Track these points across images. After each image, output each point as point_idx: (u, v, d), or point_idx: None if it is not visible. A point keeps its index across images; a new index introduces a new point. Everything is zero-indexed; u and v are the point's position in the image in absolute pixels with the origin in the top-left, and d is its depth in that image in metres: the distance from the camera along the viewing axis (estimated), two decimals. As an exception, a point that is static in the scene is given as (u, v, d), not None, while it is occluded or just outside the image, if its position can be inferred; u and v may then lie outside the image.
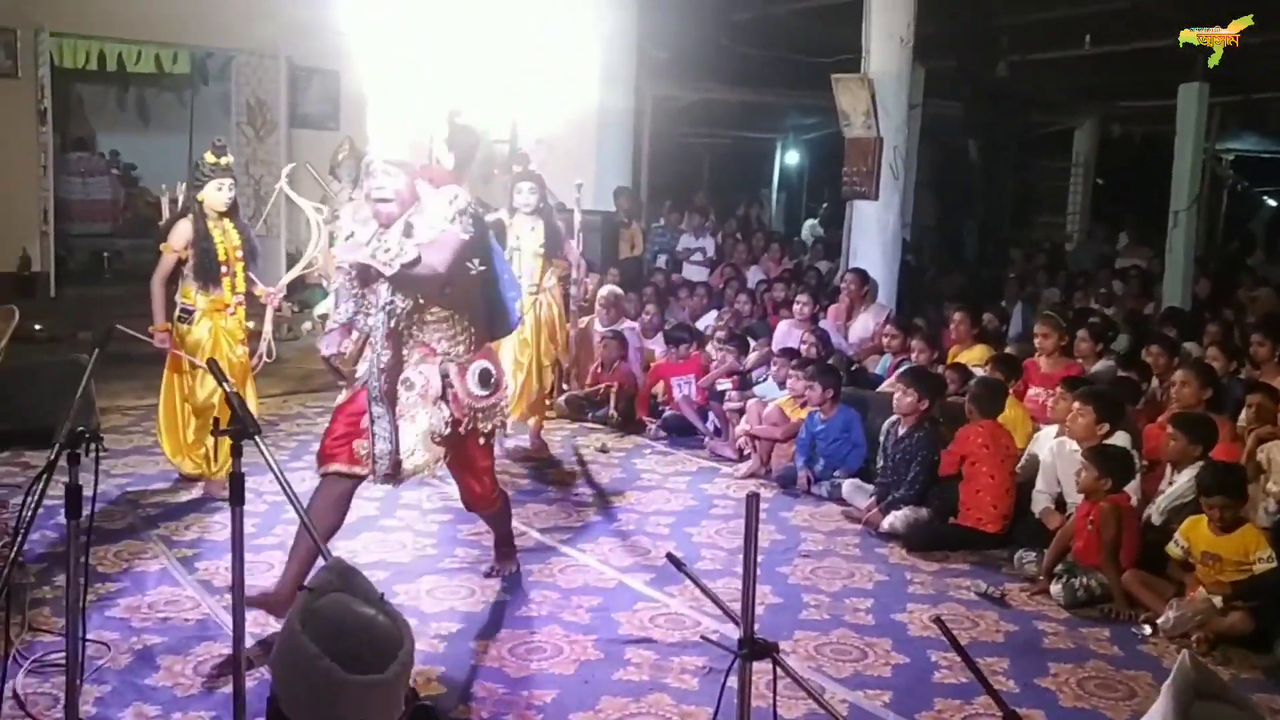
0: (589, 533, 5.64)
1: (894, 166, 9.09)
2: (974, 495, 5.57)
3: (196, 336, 5.82)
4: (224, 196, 5.79)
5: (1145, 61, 12.25)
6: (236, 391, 2.79)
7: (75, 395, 2.86)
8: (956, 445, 5.69)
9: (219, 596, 4.57)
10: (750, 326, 9.25)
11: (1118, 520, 4.79)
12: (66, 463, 2.48)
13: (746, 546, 2.44)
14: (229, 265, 5.84)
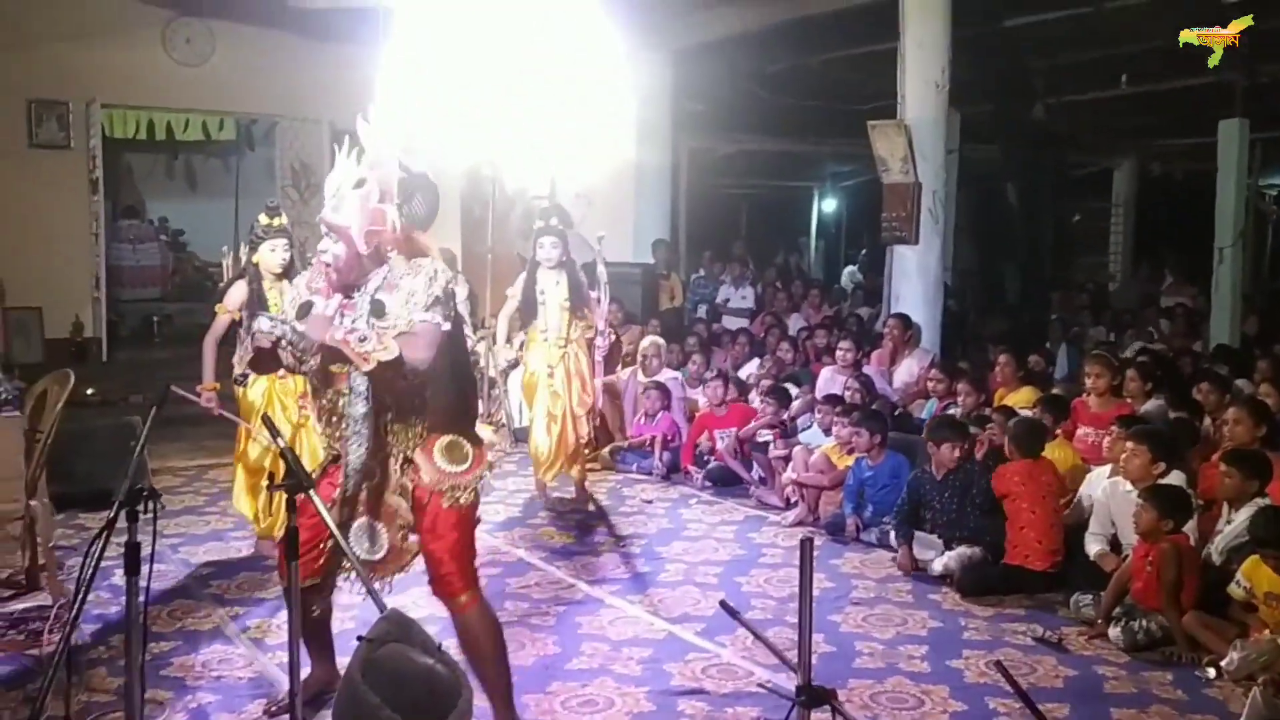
0: (637, 584, 5.62)
1: (934, 211, 9.08)
2: (1018, 532, 5.52)
3: (251, 398, 5.85)
4: (278, 257, 5.82)
5: (1184, 99, 12.21)
6: (290, 447, 2.82)
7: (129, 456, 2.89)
8: (995, 485, 5.66)
9: (271, 654, 4.58)
10: (793, 374, 9.23)
11: (1178, 561, 4.70)
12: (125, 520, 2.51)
13: (802, 593, 2.43)
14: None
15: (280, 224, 5.89)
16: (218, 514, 6.79)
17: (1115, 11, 9.64)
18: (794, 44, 11.51)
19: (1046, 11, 9.94)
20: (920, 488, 5.99)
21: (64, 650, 2.71)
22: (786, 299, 11.98)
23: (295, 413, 5.90)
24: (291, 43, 10.79)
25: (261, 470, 5.87)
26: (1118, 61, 11.21)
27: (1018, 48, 11.19)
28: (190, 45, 10.80)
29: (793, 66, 12.34)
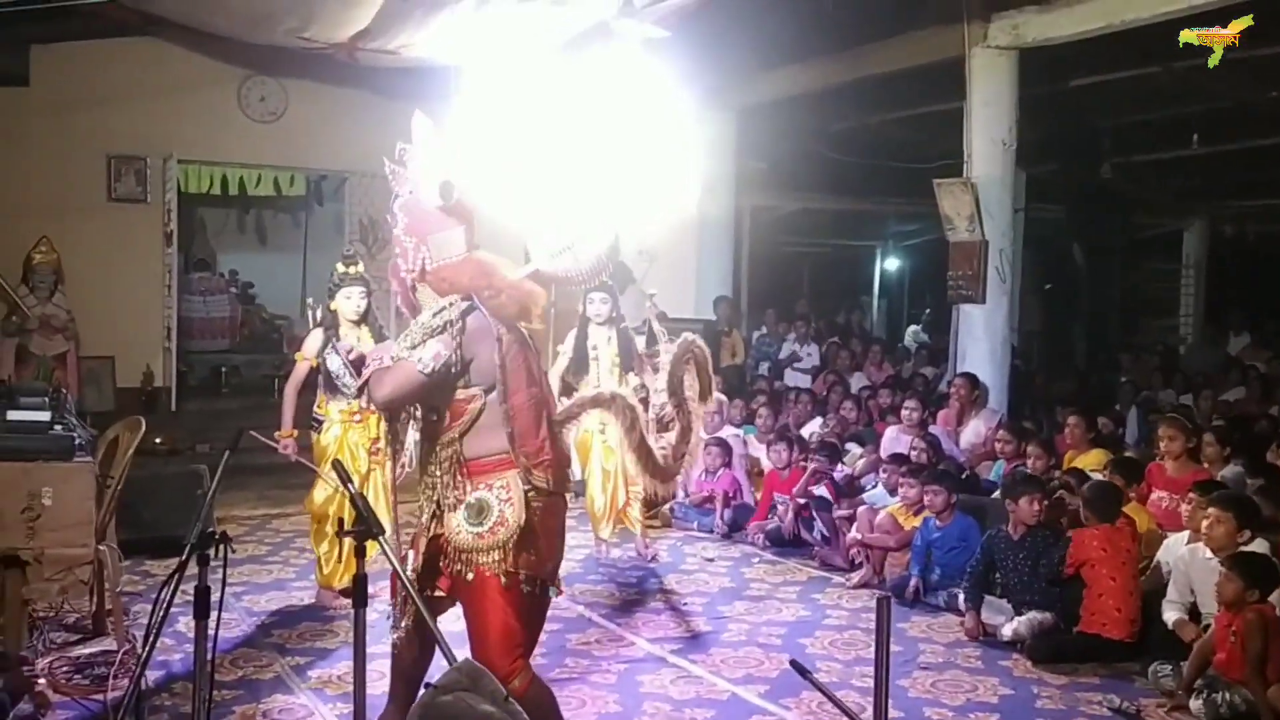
0: (699, 643, 5.53)
1: (1000, 270, 8.98)
2: (1096, 600, 5.36)
3: (324, 443, 5.93)
4: (354, 304, 5.92)
5: (1256, 159, 12.03)
6: (360, 492, 2.81)
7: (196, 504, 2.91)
8: (1074, 552, 5.47)
9: (332, 705, 4.56)
10: (856, 433, 9.12)
11: (1265, 631, 4.52)
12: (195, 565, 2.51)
13: (878, 654, 2.35)
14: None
15: (357, 272, 6.02)
16: (280, 563, 6.82)
17: (1184, 71, 9.54)
18: (856, 103, 11.54)
19: (1114, 71, 9.87)
20: (995, 548, 5.86)
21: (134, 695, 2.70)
22: (849, 357, 11.88)
23: (365, 461, 5.93)
24: (361, 100, 11.00)
25: (326, 516, 5.90)
26: (1186, 121, 11.08)
27: (1085, 107, 11.12)
28: (264, 103, 11.07)
29: (855, 125, 12.37)
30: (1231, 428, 8.25)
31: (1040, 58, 8.99)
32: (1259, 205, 14.93)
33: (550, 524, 3.47)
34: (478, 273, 3.43)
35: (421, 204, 3.47)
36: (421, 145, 3.54)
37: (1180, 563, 5.41)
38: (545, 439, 3.43)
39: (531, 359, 3.51)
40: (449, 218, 3.45)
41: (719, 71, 10.66)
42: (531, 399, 3.43)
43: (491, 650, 3.30)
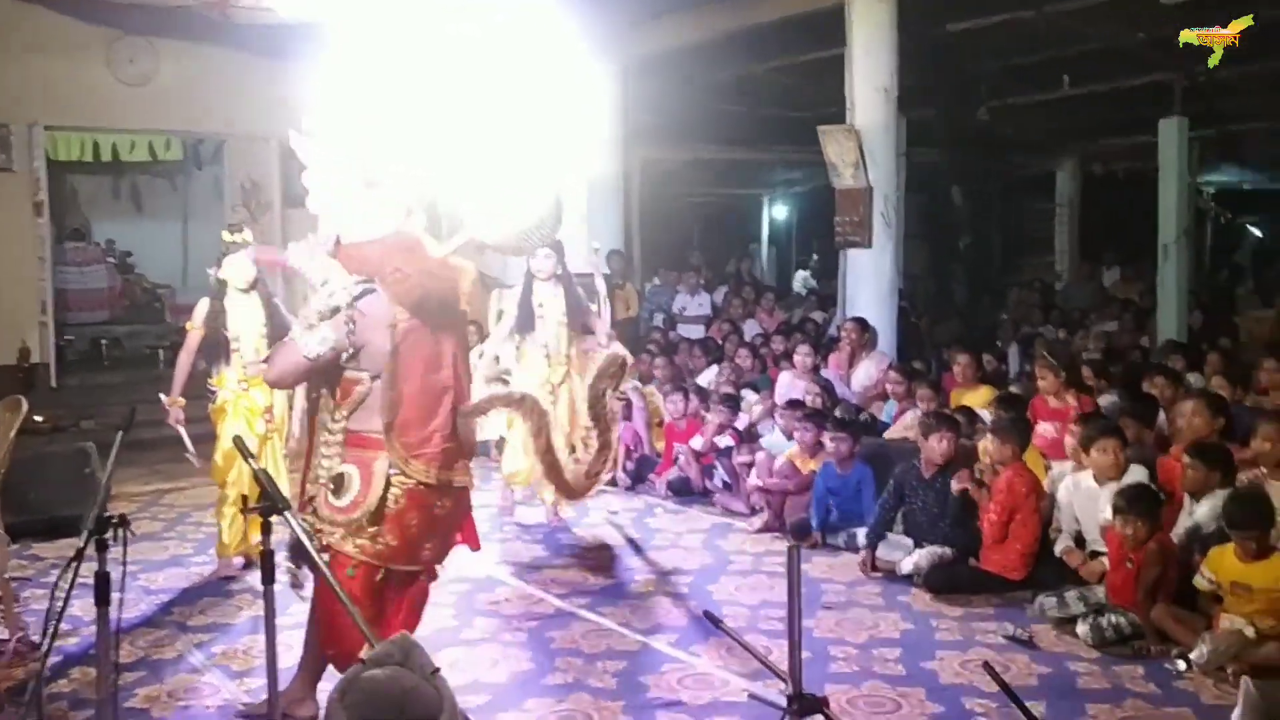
0: (607, 596, 5.59)
1: (885, 215, 9.15)
2: (1003, 544, 5.53)
3: (219, 409, 5.92)
4: (241, 272, 5.84)
5: (1124, 99, 12.41)
6: (264, 469, 2.77)
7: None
8: (1006, 499, 5.54)
9: (239, 681, 4.50)
10: (751, 380, 9.25)
11: (1164, 560, 4.76)
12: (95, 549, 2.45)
13: (791, 600, 2.42)
14: (242, 342, 5.84)
15: (243, 239, 5.95)
16: (176, 539, 6.69)
17: (1056, 15, 9.78)
18: (741, 53, 11.56)
19: (988, 15, 10.06)
20: (906, 485, 6.00)
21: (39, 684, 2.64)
22: (742, 305, 12.02)
23: (262, 427, 5.88)
24: (238, 60, 10.65)
25: (225, 482, 5.90)
26: (1059, 63, 11.36)
27: (961, 52, 11.32)
28: (134, 65, 10.63)
29: (742, 75, 12.41)
30: (1107, 359, 8.61)
31: (918, 4, 9.12)
32: (1127, 143, 15.41)
33: (418, 517, 3.41)
34: (388, 252, 3.29)
35: (336, 177, 3.38)
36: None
37: (1065, 492, 5.64)
38: (438, 430, 3.35)
39: (441, 346, 3.39)
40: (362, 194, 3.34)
41: (605, 23, 10.58)
42: (427, 388, 3.35)
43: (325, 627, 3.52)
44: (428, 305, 3.34)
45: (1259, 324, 10.82)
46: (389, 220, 3.33)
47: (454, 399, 3.34)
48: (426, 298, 3.33)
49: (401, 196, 3.43)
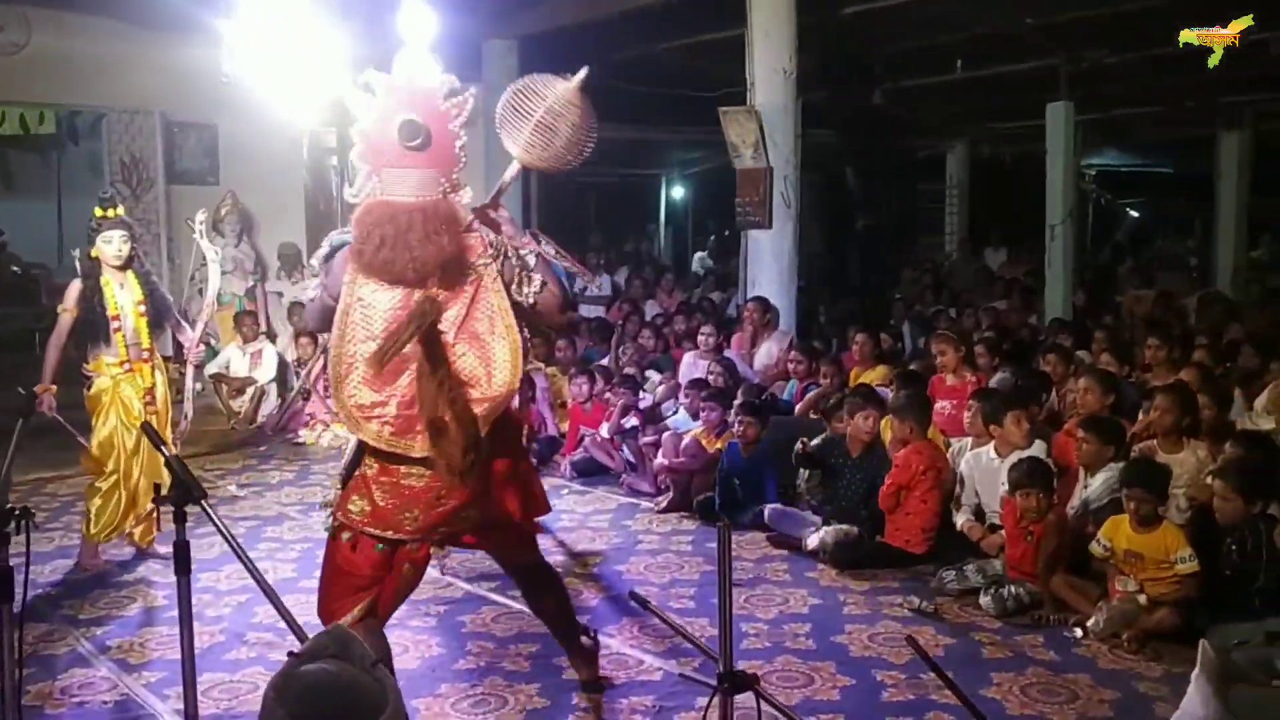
0: (516, 578, 5.53)
1: (785, 195, 9.23)
2: (904, 518, 5.62)
3: (95, 396, 5.65)
4: (113, 250, 5.58)
5: (1013, 84, 12.72)
6: (177, 455, 2.65)
7: None
8: (899, 473, 5.63)
9: (137, 675, 4.34)
10: (655, 360, 9.27)
11: (1061, 533, 4.89)
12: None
13: (721, 579, 2.40)
14: (123, 321, 5.61)
15: (116, 214, 5.68)
16: (62, 529, 6.40)
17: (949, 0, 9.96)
18: (640, 32, 11.50)
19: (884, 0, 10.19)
20: (831, 454, 6.05)
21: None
22: (642, 285, 12.02)
23: (140, 412, 5.67)
24: (117, 29, 10.23)
25: (102, 472, 5.67)
26: (952, 48, 11.59)
27: (858, 36, 11.46)
28: (3, 34, 10.12)
29: (640, 54, 12.34)
30: (999, 337, 8.83)
31: (816, -14, 9.20)
32: (1015, 127, 15.83)
33: (387, 483, 3.29)
34: (375, 219, 3.18)
35: (382, 134, 3.21)
36: (399, 78, 3.26)
37: (966, 467, 5.77)
38: (394, 396, 3.18)
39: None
40: (407, 157, 3.20)
41: (497, 0, 10.46)
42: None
43: (319, 595, 3.44)
44: (390, 271, 3.16)
45: (1139, 302, 11.21)
46: (429, 189, 3.23)
47: (424, 369, 3.13)
48: (386, 264, 3.15)
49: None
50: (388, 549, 3.32)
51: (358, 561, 3.33)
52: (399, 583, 3.40)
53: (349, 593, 3.36)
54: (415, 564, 3.41)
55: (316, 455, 8.52)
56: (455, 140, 3.27)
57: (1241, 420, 6.20)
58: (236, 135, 10.71)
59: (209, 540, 5.56)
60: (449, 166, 3.27)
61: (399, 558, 3.35)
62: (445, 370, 3.12)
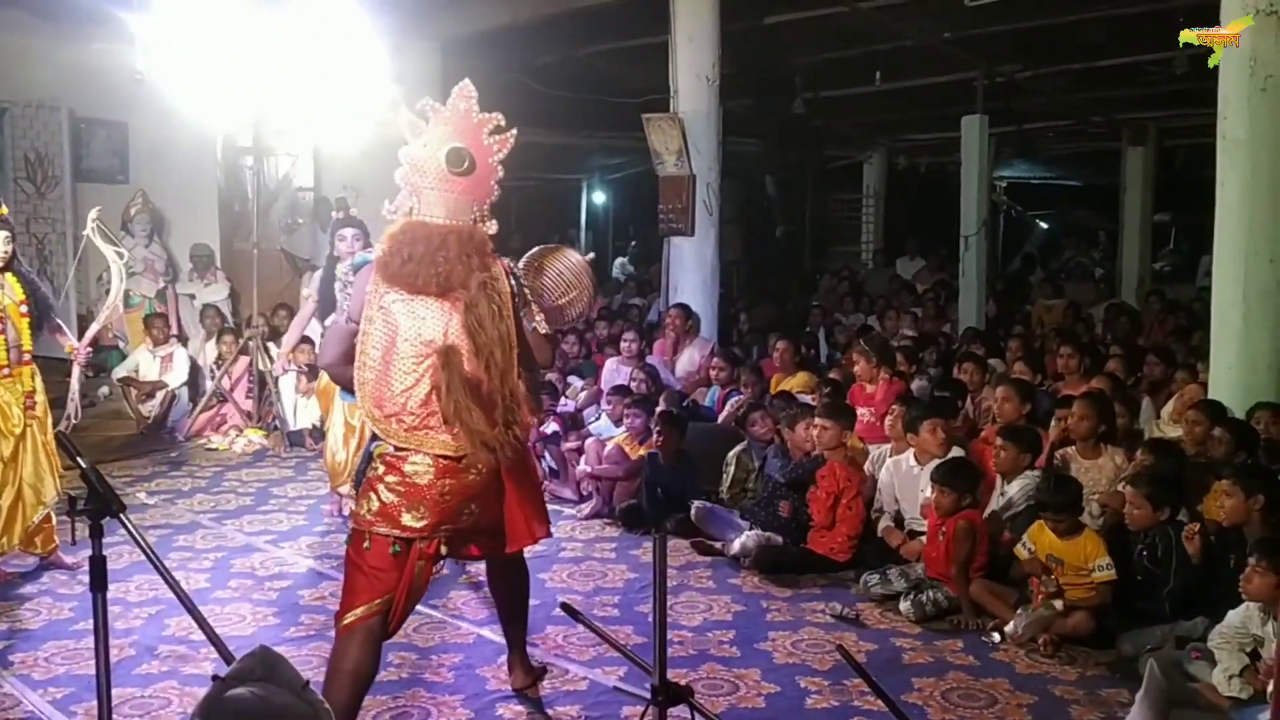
0: (439, 587, 5.42)
1: (708, 203, 9.28)
2: (831, 528, 5.65)
3: None
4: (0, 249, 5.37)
5: (929, 96, 12.96)
6: (94, 465, 2.54)
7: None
8: (828, 485, 5.66)
9: (42, 690, 4.18)
10: (576, 366, 9.24)
11: (972, 536, 4.96)
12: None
13: (656, 589, 2.38)
14: (6, 323, 5.39)
15: (1, 213, 5.48)
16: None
17: (869, 11, 10.11)
18: (563, 36, 11.49)
19: (805, 9, 10.30)
20: (767, 468, 6.09)
21: None
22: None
23: (20, 419, 5.45)
24: (19, 20, 9.88)
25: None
26: (872, 59, 11.76)
27: (780, 44, 11.57)
28: (-101, 22, 9.74)
29: (563, 59, 12.33)
30: (915, 345, 8.98)
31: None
32: (928, 139, 16.13)
33: (396, 481, 3.37)
34: (409, 238, 3.36)
35: (429, 159, 3.39)
36: (454, 108, 3.45)
37: (886, 473, 5.84)
38: (411, 395, 3.34)
39: (427, 323, 3.35)
40: (448, 182, 3.41)
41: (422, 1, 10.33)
42: (403, 354, 3.34)
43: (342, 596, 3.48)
44: (413, 283, 3.33)
45: (1049, 312, 11.49)
46: (463, 215, 3.43)
47: (441, 370, 3.26)
48: (411, 276, 3.33)
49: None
50: (403, 549, 3.39)
51: (374, 562, 3.39)
52: (412, 581, 3.45)
53: (364, 593, 3.40)
54: (427, 561, 3.48)
55: (230, 461, 8.32)
56: (493, 174, 3.49)
57: (1149, 428, 6.38)
58: (148, 133, 10.41)
59: (117, 550, 5.40)
60: (484, 197, 3.49)
61: (410, 557, 3.42)
62: (461, 375, 3.27)
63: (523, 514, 3.70)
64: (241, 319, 10.50)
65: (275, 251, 11.28)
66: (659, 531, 2.35)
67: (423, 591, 3.57)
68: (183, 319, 10.74)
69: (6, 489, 5.42)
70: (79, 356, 5.72)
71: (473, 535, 3.66)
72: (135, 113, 10.12)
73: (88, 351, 5.85)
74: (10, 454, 5.42)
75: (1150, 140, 14.94)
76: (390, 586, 3.40)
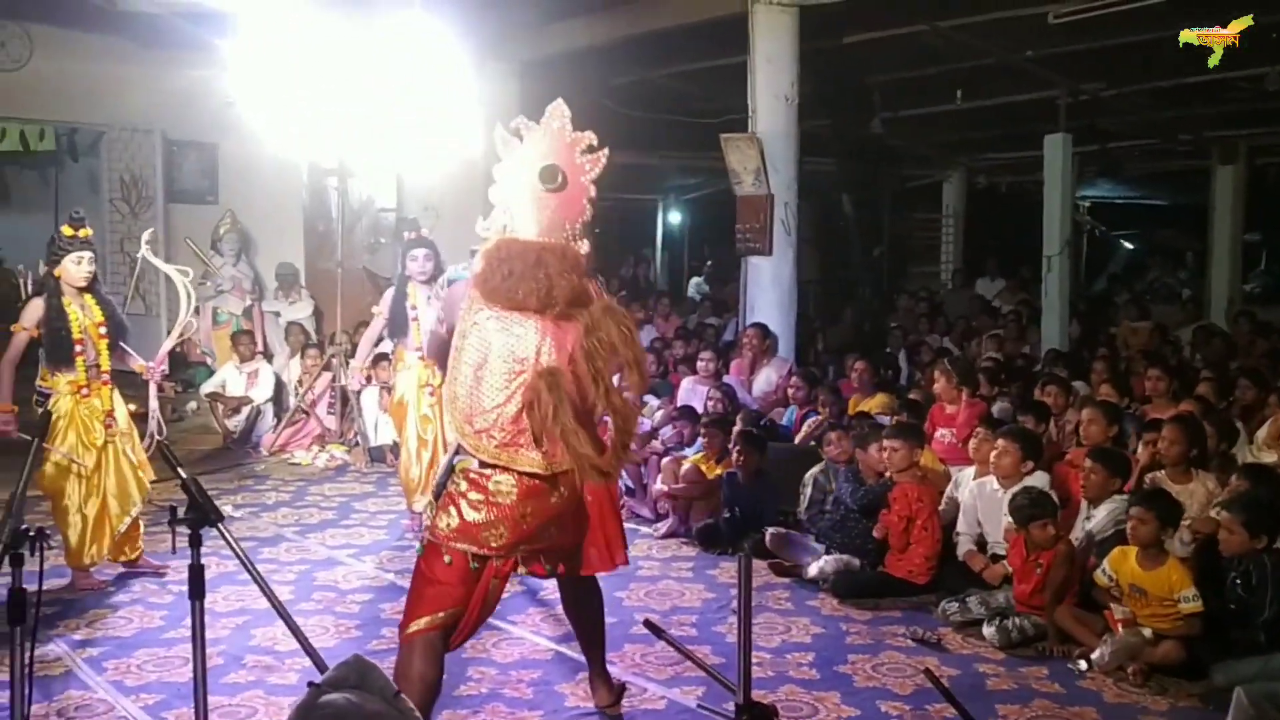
0: (516, 604, 5.49)
1: (786, 222, 9.25)
2: (908, 549, 5.59)
3: (53, 418, 5.55)
4: (83, 270, 5.56)
5: (1011, 115, 12.80)
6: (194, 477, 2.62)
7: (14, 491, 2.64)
8: (900, 507, 5.61)
9: (135, 696, 4.29)
10: (653, 386, 9.25)
11: (1070, 564, 4.87)
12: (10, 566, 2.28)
13: (741, 608, 2.37)
14: (86, 343, 5.58)
15: (85, 235, 5.66)
16: (57, 549, 6.32)
17: (950, 30, 10.02)
18: (641, 58, 11.57)
19: (885, 29, 10.25)
20: (839, 489, 6.08)
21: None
22: (640, 310, 12.02)
23: (101, 434, 5.64)
24: (119, 48, 10.24)
25: (62, 492, 5.62)
26: (952, 78, 11.65)
27: (858, 63, 11.53)
28: (5, 49, 10.15)
29: (640, 80, 12.41)
30: (997, 367, 8.84)
31: (818, 14, 9.24)
32: (1011, 158, 15.92)
33: (478, 497, 3.34)
34: (505, 255, 3.34)
35: (522, 176, 3.40)
36: (548, 127, 3.45)
37: (969, 496, 5.75)
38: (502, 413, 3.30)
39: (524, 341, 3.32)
40: (542, 199, 3.39)
41: (501, 24, 10.48)
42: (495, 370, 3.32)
43: (406, 605, 3.45)
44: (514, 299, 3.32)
45: (1135, 334, 11.24)
46: (556, 232, 3.41)
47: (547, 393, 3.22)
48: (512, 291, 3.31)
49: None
50: (479, 566, 3.38)
51: (446, 577, 3.37)
52: (485, 596, 3.44)
53: (430, 604, 3.39)
54: (500, 579, 3.48)
55: (313, 476, 8.48)
56: (585, 193, 3.46)
57: (1243, 454, 6.21)
58: (236, 155, 10.70)
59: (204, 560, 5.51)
60: (577, 216, 3.46)
61: (486, 574, 3.41)
62: (570, 398, 3.23)
63: (604, 538, 3.71)
64: (325, 336, 10.71)
65: (358, 270, 11.49)
66: (742, 552, 2.34)
67: (494, 608, 3.56)
68: (268, 336, 10.99)
69: (91, 499, 5.63)
70: (154, 375, 5.90)
71: (545, 554, 3.66)
72: (225, 136, 10.40)
73: (162, 370, 6.05)
74: (94, 466, 5.61)
75: (1240, 158, 14.58)
76: (458, 601, 3.38)
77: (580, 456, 3.18)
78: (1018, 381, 8.50)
